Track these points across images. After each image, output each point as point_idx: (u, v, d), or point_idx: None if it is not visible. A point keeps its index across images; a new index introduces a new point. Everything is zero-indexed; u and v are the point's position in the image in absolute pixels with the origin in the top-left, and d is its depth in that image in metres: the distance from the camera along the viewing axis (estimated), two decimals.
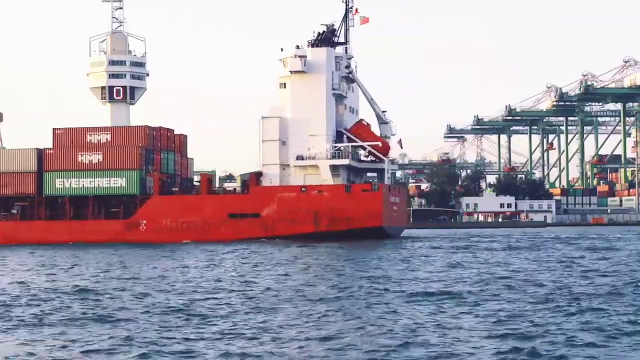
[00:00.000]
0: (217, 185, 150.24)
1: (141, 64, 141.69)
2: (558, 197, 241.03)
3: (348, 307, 33.83)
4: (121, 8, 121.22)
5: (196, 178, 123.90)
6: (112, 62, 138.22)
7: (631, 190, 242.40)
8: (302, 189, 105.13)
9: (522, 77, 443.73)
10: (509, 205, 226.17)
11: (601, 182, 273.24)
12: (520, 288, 40.87)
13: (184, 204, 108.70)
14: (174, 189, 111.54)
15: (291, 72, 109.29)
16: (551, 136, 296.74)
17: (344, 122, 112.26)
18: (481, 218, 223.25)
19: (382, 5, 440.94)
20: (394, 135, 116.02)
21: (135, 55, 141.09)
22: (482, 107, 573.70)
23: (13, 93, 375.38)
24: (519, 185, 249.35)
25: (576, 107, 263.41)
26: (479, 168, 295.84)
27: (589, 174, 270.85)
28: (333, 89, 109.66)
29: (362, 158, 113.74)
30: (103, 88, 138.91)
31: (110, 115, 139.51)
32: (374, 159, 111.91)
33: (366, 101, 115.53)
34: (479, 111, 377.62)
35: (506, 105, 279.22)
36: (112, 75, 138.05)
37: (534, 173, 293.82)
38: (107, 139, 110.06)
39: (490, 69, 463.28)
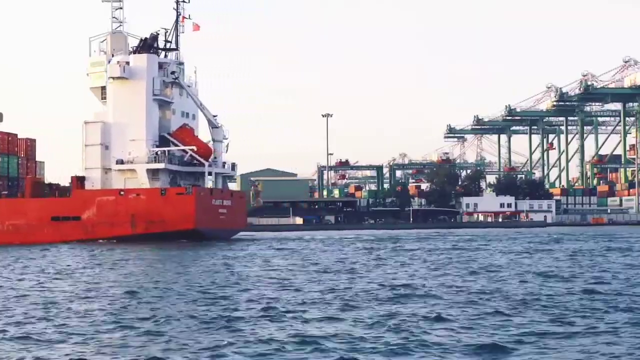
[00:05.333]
0: None
1: None
2: (558, 197, 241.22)
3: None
4: (121, 8, 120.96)
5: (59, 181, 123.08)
6: None
7: (631, 190, 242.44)
8: (120, 192, 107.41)
9: (522, 77, 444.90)
10: (509, 205, 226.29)
11: (601, 182, 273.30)
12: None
13: (9, 206, 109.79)
14: (3, 192, 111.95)
15: (111, 77, 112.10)
16: (551, 136, 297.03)
17: (171, 127, 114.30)
18: (481, 218, 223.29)
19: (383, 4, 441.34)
20: (226, 139, 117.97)
21: None
22: (482, 107, 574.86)
23: (13, 93, 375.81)
24: (519, 185, 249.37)
25: (576, 107, 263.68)
26: (479, 168, 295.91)
27: (589, 174, 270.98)
28: (154, 95, 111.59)
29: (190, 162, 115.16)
30: (103, 88, 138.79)
31: None
32: (197, 162, 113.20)
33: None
34: (479, 111, 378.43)
35: (506, 105, 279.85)
36: None
37: (534, 173, 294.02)
38: None
39: (490, 69, 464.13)
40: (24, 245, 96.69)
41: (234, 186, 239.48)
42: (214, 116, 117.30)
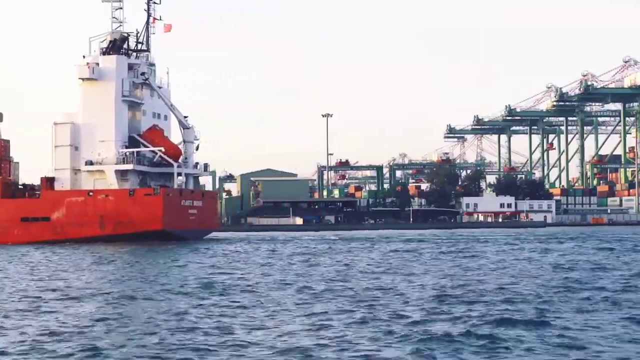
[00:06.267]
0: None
1: None
2: (558, 197, 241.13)
3: None
4: (121, 8, 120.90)
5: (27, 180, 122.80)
6: None
7: (631, 190, 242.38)
8: (89, 193, 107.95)
9: (522, 77, 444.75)
10: (509, 205, 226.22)
11: (601, 182, 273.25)
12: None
13: None
14: None
15: (81, 79, 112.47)
16: (551, 136, 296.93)
17: (141, 128, 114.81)
18: (481, 218, 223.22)
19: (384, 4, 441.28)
20: (197, 140, 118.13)
21: None
22: (482, 107, 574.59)
23: (13, 93, 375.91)
24: (519, 185, 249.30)
25: (576, 107, 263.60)
26: (479, 168, 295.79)
27: (589, 174, 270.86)
28: (124, 96, 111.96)
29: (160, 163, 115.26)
30: None
31: None
32: (166, 163, 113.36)
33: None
34: (479, 111, 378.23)
35: (506, 105, 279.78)
36: None
37: (534, 173, 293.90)
38: None
39: (490, 69, 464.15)
40: None
41: (233, 186, 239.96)
42: (185, 117, 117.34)
